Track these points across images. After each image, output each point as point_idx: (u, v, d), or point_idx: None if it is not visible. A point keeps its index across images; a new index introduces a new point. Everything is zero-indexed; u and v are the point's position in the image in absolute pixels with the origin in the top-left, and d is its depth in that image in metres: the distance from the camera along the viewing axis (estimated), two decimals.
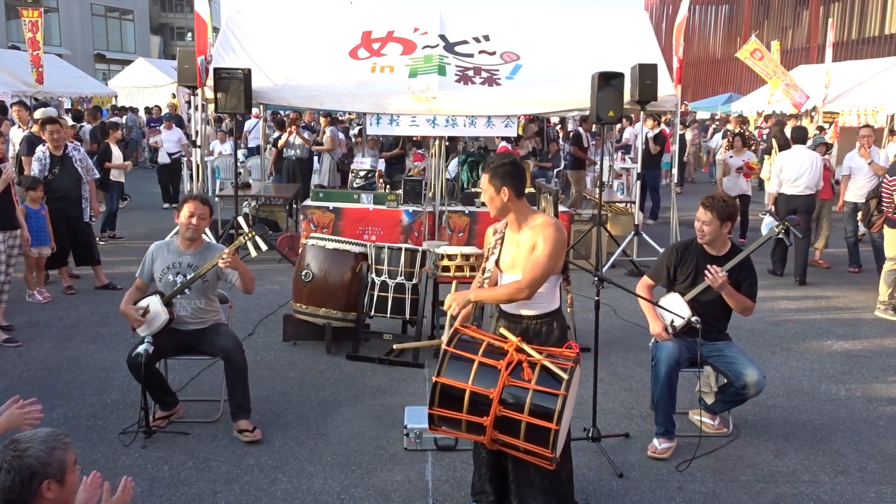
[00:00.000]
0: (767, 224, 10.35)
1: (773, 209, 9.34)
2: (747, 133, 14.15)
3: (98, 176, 9.18)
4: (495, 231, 3.85)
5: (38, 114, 10.69)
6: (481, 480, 3.91)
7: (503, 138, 13.74)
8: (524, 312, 3.69)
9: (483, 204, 9.35)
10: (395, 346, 4.97)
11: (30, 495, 2.44)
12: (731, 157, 11.43)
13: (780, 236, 4.98)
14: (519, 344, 3.38)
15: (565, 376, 3.20)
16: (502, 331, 3.59)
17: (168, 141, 14.82)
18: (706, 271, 4.63)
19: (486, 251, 3.89)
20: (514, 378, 3.26)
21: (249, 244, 4.88)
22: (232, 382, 4.83)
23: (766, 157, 13.83)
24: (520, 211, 3.67)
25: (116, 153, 11.22)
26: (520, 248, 3.65)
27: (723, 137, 17.20)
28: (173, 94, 25.16)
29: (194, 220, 4.82)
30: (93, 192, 8.44)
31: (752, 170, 11.73)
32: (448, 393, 3.32)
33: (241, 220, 5.60)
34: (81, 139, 13.49)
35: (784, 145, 11.70)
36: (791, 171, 9.11)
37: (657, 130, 13.55)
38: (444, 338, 3.52)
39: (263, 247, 4.94)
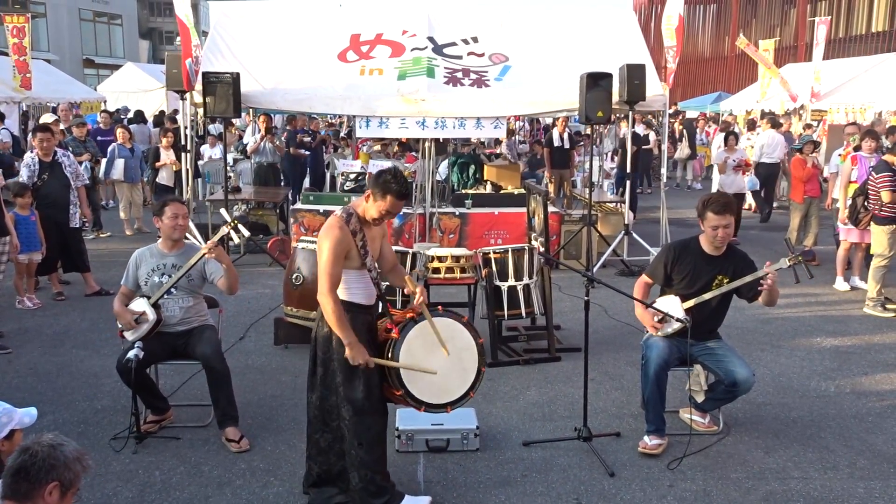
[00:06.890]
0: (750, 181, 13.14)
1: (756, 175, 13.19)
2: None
3: (88, 182, 9.15)
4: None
5: (43, 119, 10.74)
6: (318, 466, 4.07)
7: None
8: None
9: (474, 205, 9.55)
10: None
11: (36, 486, 2.42)
12: (727, 157, 11.47)
13: (792, 269, 4.75)
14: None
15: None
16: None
17: None
18: (764, 283, 4.53)
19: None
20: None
21: (232, 232, 5.05)
22: (214, 389, 4.81)
23: (678, 143, 18.16)
24: None
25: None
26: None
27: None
28: None
29: (179, 221, 4.94)
30: (83, 197, 8.37)
31: (749, 166, 11.94)
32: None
33: (223, 211, 5.66)
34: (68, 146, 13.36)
35: (688, 135, 17.60)
36: (768, 147, 13.27)
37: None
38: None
39: (246, 232, 5.26)
